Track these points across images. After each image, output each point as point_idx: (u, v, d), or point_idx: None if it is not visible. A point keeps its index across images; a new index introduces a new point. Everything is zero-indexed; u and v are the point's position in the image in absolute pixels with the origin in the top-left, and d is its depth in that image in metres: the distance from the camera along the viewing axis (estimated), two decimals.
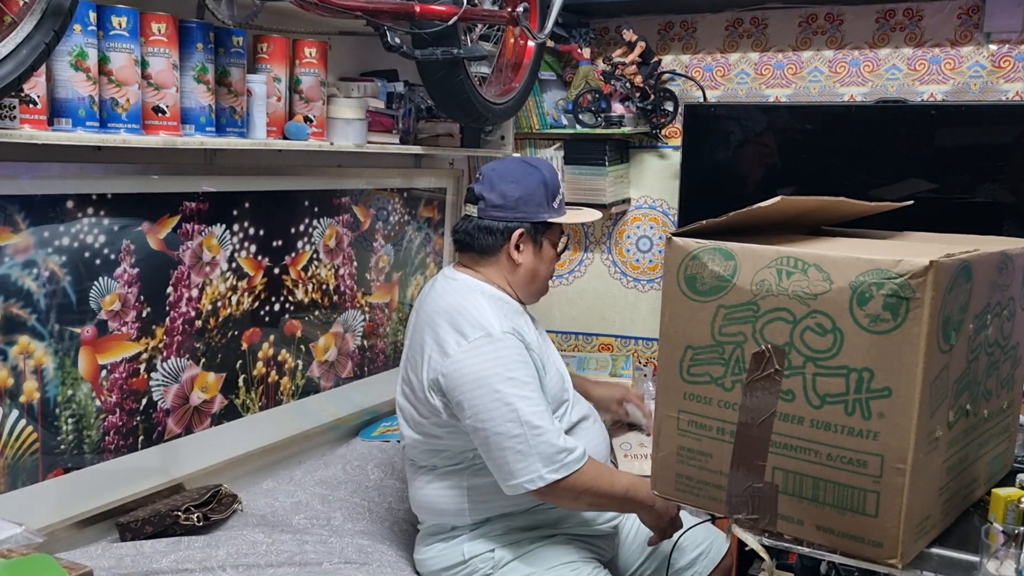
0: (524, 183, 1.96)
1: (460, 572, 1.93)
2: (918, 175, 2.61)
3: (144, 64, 1.82)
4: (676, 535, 1.97)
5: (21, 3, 1.41)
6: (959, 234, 1.71)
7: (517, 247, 1.96)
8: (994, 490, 1.46)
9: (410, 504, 2.07)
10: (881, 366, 1.28)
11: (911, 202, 1.91)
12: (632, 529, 2.11)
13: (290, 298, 2.40)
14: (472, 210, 1.98)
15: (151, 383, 2.03)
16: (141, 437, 2.03)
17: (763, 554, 1.46)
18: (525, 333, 1.90)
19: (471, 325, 1.84)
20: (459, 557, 1.92)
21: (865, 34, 2.82)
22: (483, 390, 1.78)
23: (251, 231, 2.25)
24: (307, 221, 2.43)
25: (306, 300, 2.46)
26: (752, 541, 1.45)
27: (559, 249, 2.05)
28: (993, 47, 2.67)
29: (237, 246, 2.21)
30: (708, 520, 1.78)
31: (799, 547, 1.42)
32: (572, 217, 2.05)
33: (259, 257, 2.28)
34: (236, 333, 2.25)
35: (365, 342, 2.71)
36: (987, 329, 1.47)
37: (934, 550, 1.40)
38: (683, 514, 2.19)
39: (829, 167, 2.71)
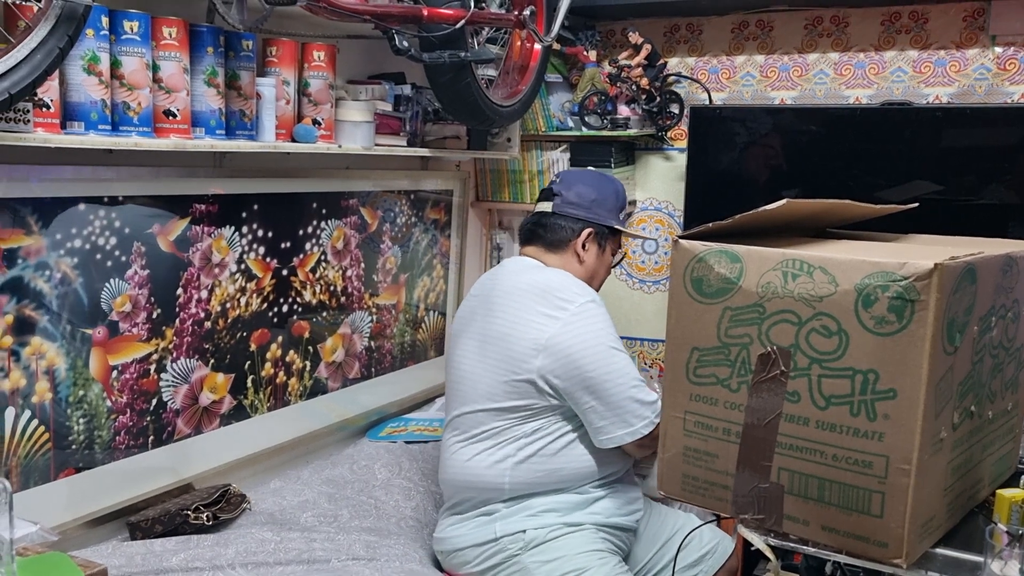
0: (599, 188, 2.12)
1: (489, 550, 1.97)
2: (923, 177, 2.61)
3: (155, 68, 1.83)
4: (684, 535, 1.99)
5: (35, 9, 1.43)
6: (964, 236, 1.72)
7: (584, 245, 2.09)
8: (998, 491, 1.47)
9: (420, 498, 2.09)
10: (886, 368, 1.30)
11: (916, 204, 1.92)
12: (642, 526, 2.13)
13: (298, 299, 2.42)
14: (547, 206, 2.12)
15: (161, 384, 2.05)
16: (151, 437, 2.05)
17: (769, 554, 1.47)
18: None
19: (573, 293, 1.97)
20: (491, 535, 1.97)
21: (870, 36, 2.83)
22: (601, 347, 1.92)
23: (260, 233, 2.26)
24: (315, 223, 2.45)
25: (314, 301, 2.48)
26: (758, 541, 1.46)
27: (616, 260, 2.22)
28: (998, 49, 2.68)
29: (246, 248, 2.23)
30: (714, 520, 1.79)
31: (804, 547, 1.43)
32: (635, 231, 2.25)
33: (268, 259, 2.30)
34: (245, 334, 2.26)
35: (372, 343, 2.73)
36: (992, 331, 1.48)
37: (939, 550, 1.41)
38: (690, 515, 2.21)
39: (835, 169, 2.72)
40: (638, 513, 2.08)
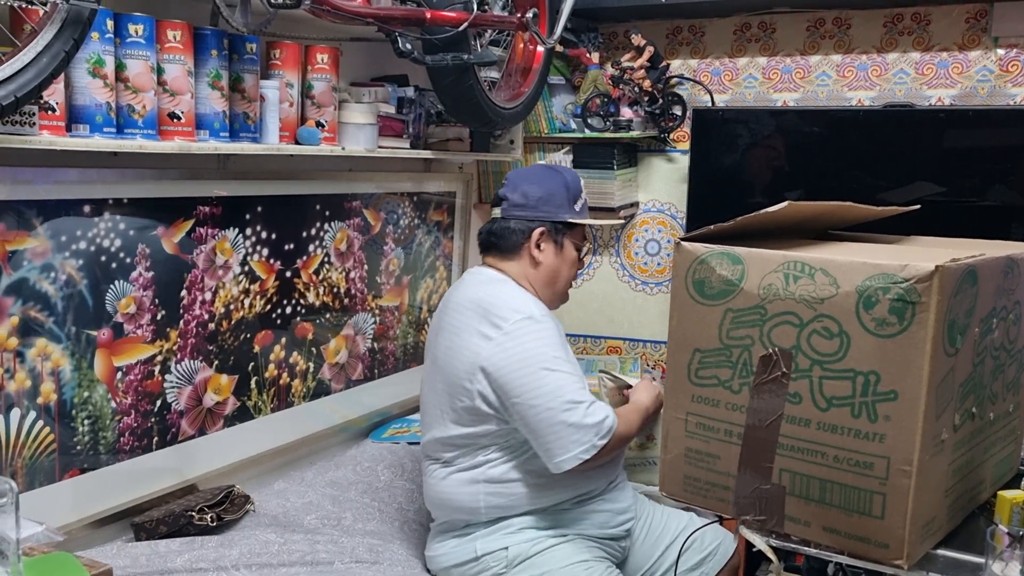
0: (545, 185, 2.04)
1: (472, 569, 1.95)
2: (926, 179, 2.62)
3: (160, 71, 1.84)
4: (686, 536, 1.99)
5: (41, 12, 1.44)
6: (966, 238, 1.72)
7: (538, 245, 2.02)
8: (1000, 492, 1.48)
9: (424, 501, 2.10)
10: (887, 369, 1.30)
11: (918, 206, 1.92)
12: (643, 530, 2.12)
13: (301, 301, 2.42)
14: (497, 212, 2.06)
15: (165, 385, 2.06)
16: (155, 438, 2.05)
17: (770, 555, 1.47)
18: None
19: (510, 309, 1.90)
20: (471, 554, 1.94)
21: (873, 38, 2.83)
22: (531, 368, 1.84)
23: (263, 235, 2.27)
24: (318, 225, 2.45)
25: (317, 303, 2.48)
26: (759, 542, 1.46)
27: (581, 254, 2.11)
28: (1001, 51, 2.68)
29: (250, 250, 2.24)
30: (716, 521, 1.80)
31: (806, 548, 1.44)
32: (594, 220, 2.13)
33: (271, 260, 2.31)
34: (248, 336, 2.27)
35: (375, 344, 2.74)
36: (993, 333, 1.48)
37: (940, 551, 1.41)
38: (691, 515, 2.21)
39: (837, 171, 2.72)
40: (628, 523, 2.06)
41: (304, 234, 2.41)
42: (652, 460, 2.27)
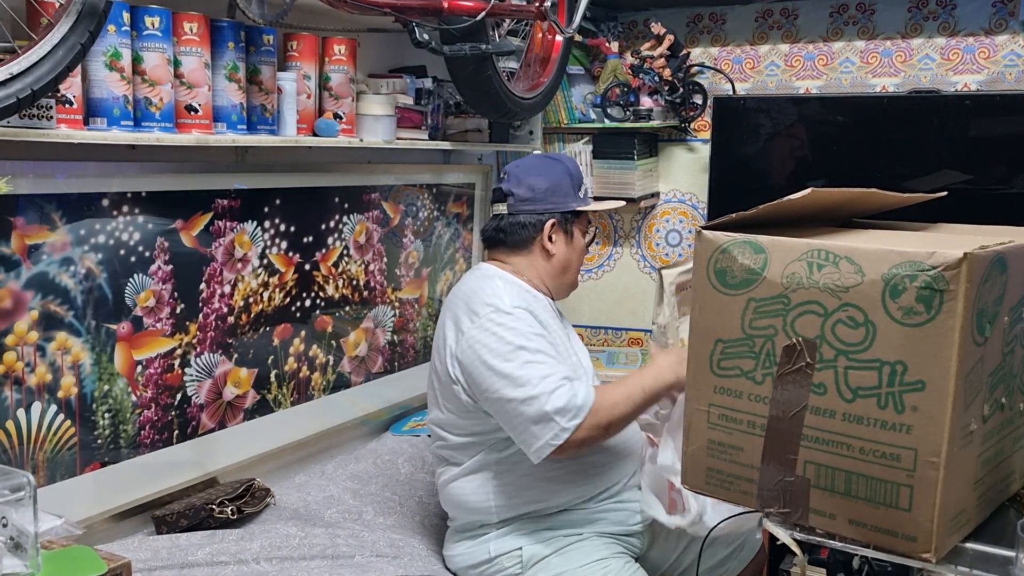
0: (550, 175, 2.01)
1: (488, 570, 1.93)
2: (952, 166, 2.57)
3: (177, 63, 1.84)
4: (707, 531, 1.96)
5: (57, 5, 1.43)
6: (994, 225, 1.68)
7: (550, 238, 2.00)
8: None
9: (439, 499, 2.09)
10: (914, 359, 1.27)
11: (945, 193, 1.88)
12: (662, 526, 2.09)
13: (321, 294, 2.42)
14: (502, 208, 2.03)
15: (185, 378, 2.06)
16: (176, 432, 2.06)
17: (795, 548, 1.45)
18: (541, 316, 1.92)
19: (482, 304, 1.89)
20: (485, 555, 1.93)
21: (897, 24, 2.78)
22: (496, 361, 1.81)
23: (282, 228, 2.27)
24: (337, 217, 2.45)
25: (337, 296, 2.48)
26: (784, 535, 1.44)
27: (588, 240, 2.10)
28: None
29: (268, 242, 2.23)
30: (739, 515, 1.77)
31: (831, 541, 1.41)
32: (600, 205, 2.13)
33: (290, 253, 2.31)
34: (268, 329, 2.27)
35: (395, 337, 2.73)
36: (1023, 322, 1.45)
37: (969, 544, 1.38)
38: (712, 509, 2.18)
39: (861, 159, 2.69)
40: (647, 520, 2.02)
41: (323, 227, 2.40)
42: None
